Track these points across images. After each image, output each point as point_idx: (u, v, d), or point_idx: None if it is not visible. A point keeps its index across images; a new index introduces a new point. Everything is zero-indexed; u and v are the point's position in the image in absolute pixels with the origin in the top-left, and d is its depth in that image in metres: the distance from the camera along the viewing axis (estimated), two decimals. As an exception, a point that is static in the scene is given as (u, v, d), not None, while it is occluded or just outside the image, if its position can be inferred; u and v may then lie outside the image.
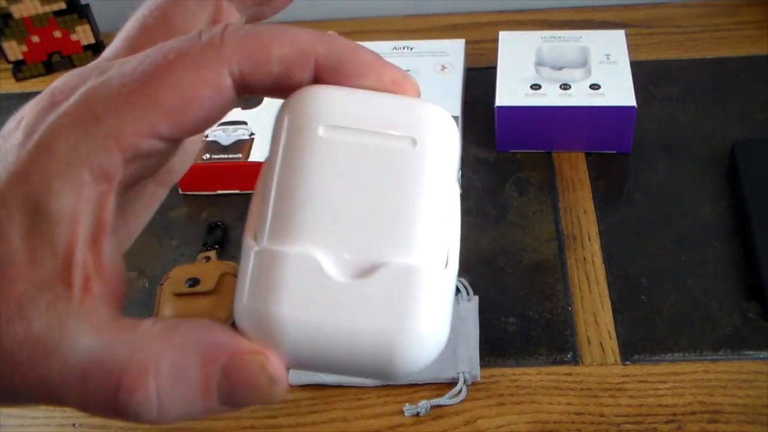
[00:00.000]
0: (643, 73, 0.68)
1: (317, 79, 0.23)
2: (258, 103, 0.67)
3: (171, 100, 0.22)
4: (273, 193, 0.22)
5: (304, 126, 0.22)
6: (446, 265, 0.22)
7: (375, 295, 0.21)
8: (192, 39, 0.22)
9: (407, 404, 0.49)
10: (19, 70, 0.79)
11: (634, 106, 0.60)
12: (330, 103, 0.22)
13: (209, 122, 0.23)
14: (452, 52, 0.71)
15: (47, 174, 0.21)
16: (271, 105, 0.70)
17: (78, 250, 0.22)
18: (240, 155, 0.63)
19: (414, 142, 0.22)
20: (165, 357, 0.21)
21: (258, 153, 0.63)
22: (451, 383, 0.49)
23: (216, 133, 0.65)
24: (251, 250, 0.21)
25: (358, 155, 0.21)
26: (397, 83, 0.24)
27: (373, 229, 0.21)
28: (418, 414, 0.48)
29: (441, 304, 0.21)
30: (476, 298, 0.54)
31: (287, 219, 0.21)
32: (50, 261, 0.21)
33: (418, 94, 0.25)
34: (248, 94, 0.23)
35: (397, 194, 0.21)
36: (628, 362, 0.50)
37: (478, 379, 0.49)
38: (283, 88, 0.23)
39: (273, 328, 0.21)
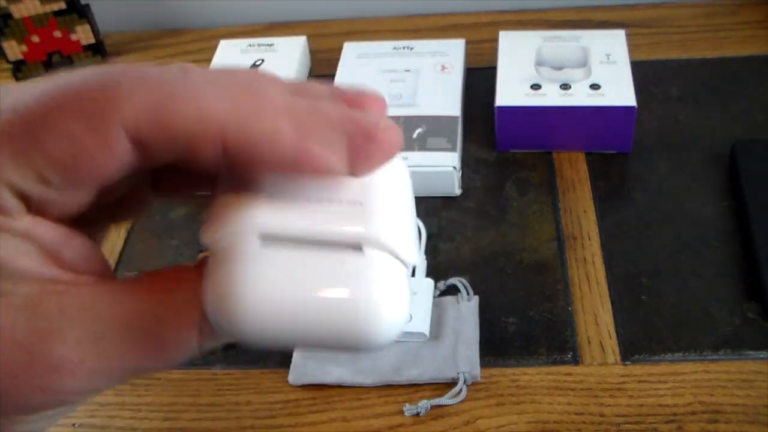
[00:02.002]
0: (643, 73, 0.68)
1: (229, 161, 0.21)
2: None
3: (58, 151, 0.20)
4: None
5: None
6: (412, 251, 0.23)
7: (334, 262, 0.21)
8: (90, 80, 0.20)
9: (407, 404, 0.49)
10: (19, 70, 0.79)
11: (634, 106, 0.60)
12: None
13: (109, 178, 0.21)
14: (452, 52, 0.71)
15: None
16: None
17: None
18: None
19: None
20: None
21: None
22: (451, 383, 0.49)
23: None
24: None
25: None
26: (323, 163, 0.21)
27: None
28: (418, 414, 0.48)
29: (401, 287, 0.22)
30: (476, 298, 0.54)
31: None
32: None
33: (383, 107, 0.24)
34: (152, 161, 0.21)
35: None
36: (628, 362, 0.50)
37: (478, 379, 0.49)
38: (190, 167, 0.21)
39: (234, 303, 0.21)
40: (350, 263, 0.21)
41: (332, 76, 0.70)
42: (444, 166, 0.60)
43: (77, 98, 0.20)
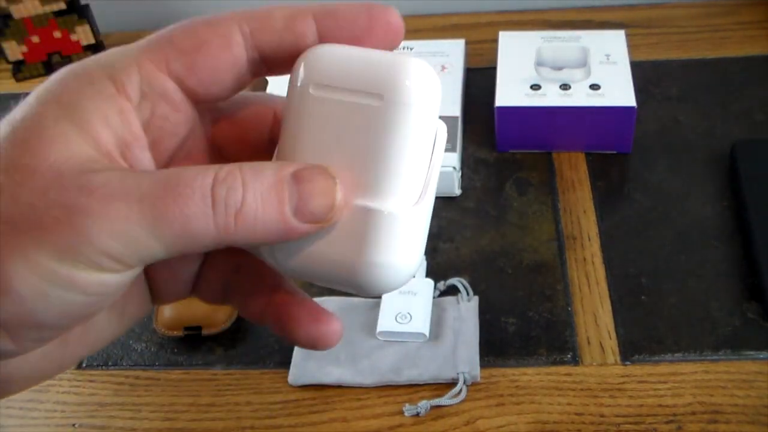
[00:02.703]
0: (643, 73, 0.69)
1: (320, 36, 0.26)
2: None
3: (185, 41, 0.25)
4: (278, 143, 0.26)
5: (300, 86, 0.25)
6: (417, 202, 0.25)
7: (343, 231, 0.25)
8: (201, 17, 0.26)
9: (407, 404, 0.49)
10: (18, 70, 0.79)
11: (634, 106, 0.60)
12: (322, 64, 0.25)
13: (222, 76, 0.26)
14: (452, 52, 0.71)
15: (82, 84, 0.24)
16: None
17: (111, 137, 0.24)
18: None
19: (381, 98, 0.24)
20: (246, 164, 0.24)
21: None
22: (451, 383, 0.49)
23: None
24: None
25: (339, 111, 0.25)
26: (390, 26, 0.26)
27: (348, 175, 0.25)
28: (418, 414, 0.48)
29: (403, 237, 0.25)
30: (476, 298, 0.54)
31: (294, 156, 0.25)
32: (83, 140, 0.24)
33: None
34: (259, 62, 0.26)
35: (369, 145, 0.25)
36: (628, 362, 0.50)
37: (478, 379, 0.49)
38: (290, 48, 0.26)
39: (271, 261, 0.26)
40: (349, 225, 0.25)
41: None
42: (444, 166, 0.60)
43: (199, 18, 0.25)
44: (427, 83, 0.25)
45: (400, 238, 0.25)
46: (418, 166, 0.25)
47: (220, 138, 0.28)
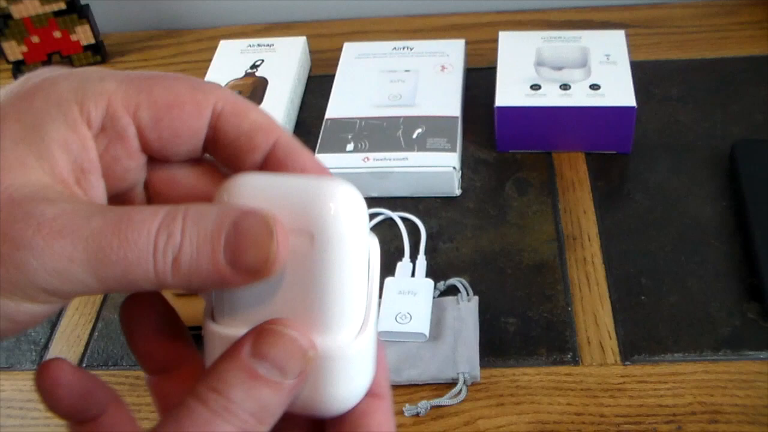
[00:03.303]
0: (643, 73, 0.69)
1: (266, 160, 0.27)
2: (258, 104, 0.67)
3: (161, 94, 0.25)
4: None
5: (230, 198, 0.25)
6: (361, 330, 0.26)
7: None
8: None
9: (407, 404, 0.49)
10: (19, 70, 0.79)
11: (634, 107, 0.60)
12: (246, 197, 0.25)
13: (181, 141, 0.26)
14: (452, 52, 0.71)
15: (47, 103, 0.24)
16: (269, 106, 0.70)
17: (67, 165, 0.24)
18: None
19: (312, 237, 0.24)
20: (192, 207, 0.24)
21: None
22: (451, 383, 0.49)
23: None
24: (206, 328, 0.27)
25: None
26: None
27: (291, 315, 0.25)
28: (417, 414, 0.48)
29: (351, 368, 0.26)
30: (476, 298, 0.54)
31: (223, 305, 0.26)
32: (39, 166, 0.24)
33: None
34: (212, 142, 0.26)
35: (305, 283, 0.25)
36: (628, 362, 0.50)
37: (478, 379, 0.49)
38: (239, 148, 0.27)
39: None
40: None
41: (332, 76, 0.70)
42: (444, 166, 0.60)
43: (180, 76, 0.26)
44: (354, 210, 0.25)
45: (349, 369, 0.26)
46: (358, 294, 0.25)
47: (158, 184, 0.28)
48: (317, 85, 0.73)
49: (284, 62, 0.72)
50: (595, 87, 0.62)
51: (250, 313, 0.25)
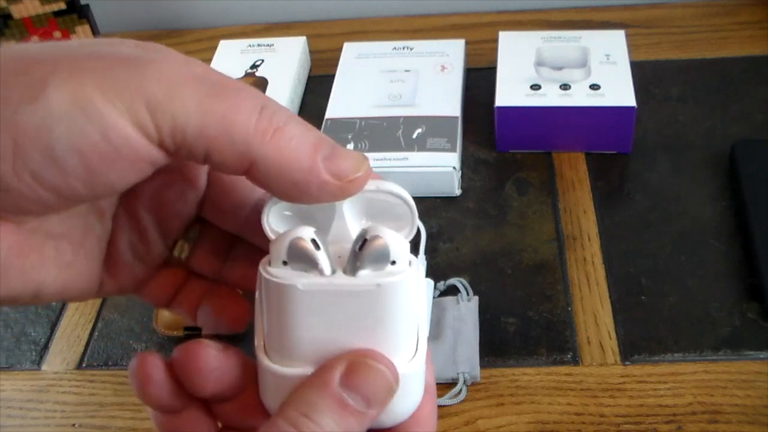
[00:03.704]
0: (643, 73, 0.69)
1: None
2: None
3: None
4: (270, 327, 0.27)
5: (286, 283, 0.26)
6: (415, 354, 0.27)
7: None
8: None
9: (407, 404, 0.48)
10: (19, 70, 0.79)
11: (633, 107, 0.60)
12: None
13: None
14: (452, 52, 0.71)
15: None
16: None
17: None
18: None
19: (378, 285, 0.26)
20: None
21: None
22: (451, 383, 0.49)
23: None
24: (262, 363, 0.27)
25: (334, 300, 0.26)
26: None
27: (341, 345, 0.26)
28: (418, 414, 0.48)
29: (409, 386, 0.27)
30: (476, 298, 0.54)
31: (285, 348, 0.27)
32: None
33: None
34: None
35: (369, 322, 0.26)
36: (628, 362, 0.50)
37: (478, 379, 0.49)
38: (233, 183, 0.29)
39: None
40: None
41: (332, 76, 0.70)
42: (444, 166, 0.60)
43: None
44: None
45: (405, 389, 0.27)
46: (413, 326, 0.27)
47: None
48: (317, 85, 0.73)
49: (284, 62, 0.72)
50: (595, 87, 0.62)
51: (311, 353, 0.26)
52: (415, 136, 0.62)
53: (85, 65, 0.23)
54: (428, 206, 0.61)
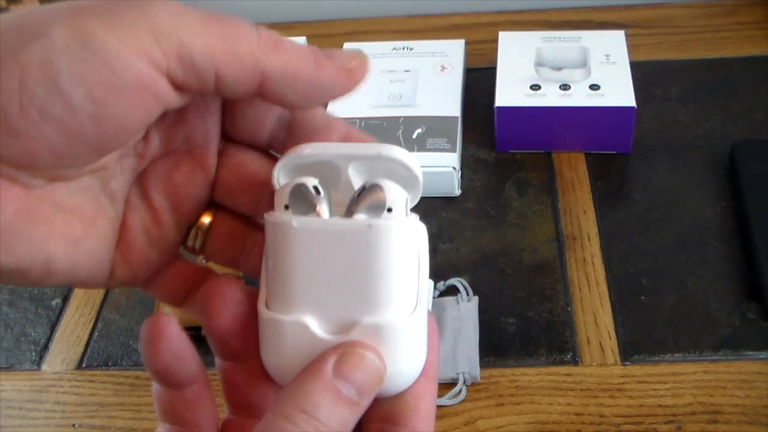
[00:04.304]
0: (643, 73, 0.69)
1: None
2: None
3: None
4: (269, 274, 0.27)
5: (282, 221, 0.26)
6: (414, 309, 0.27)
7: None
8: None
9: (407, 404, 0.48)
10: (19, 70, 0.79)
11: (633, 107, 0.60)
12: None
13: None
14: (452, 52, 0.71)
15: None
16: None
17: None
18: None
19: (369, 225, 0.26)
20: None
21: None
22: (451, 384, 0.49)
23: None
24: (261, 316, 0.27)
25: (328, 240, 0.26)
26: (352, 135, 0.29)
27: (346, 297, 0.26)
28: (417, 414, 0.48)
29: (407, 343, 0.27)
30: (476, 298, 0.54)
31: (277, 292, 0.27)
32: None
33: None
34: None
35: (361, 266, 0.26)
36: (627, 363, 0.50)
37: (478, 379, 0.49)
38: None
39: (281, 377, 0.27)
40: (364, 335, 0.26)
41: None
42: (444, 166, 0.60)
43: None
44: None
45: (406, 345, 0.27)
46: (409, 276, 0.27)
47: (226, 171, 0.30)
48: (317, 85, 0.73)
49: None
50: (594, 87, 0.62)
51: (307, 298, 0.26)
52: (414, 136, 0.62)
53: (87, 8, 0.23)
54: (428, 206, 0.61)
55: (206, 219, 0.31)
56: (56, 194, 0.26)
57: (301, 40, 0.75)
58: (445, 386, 0.49)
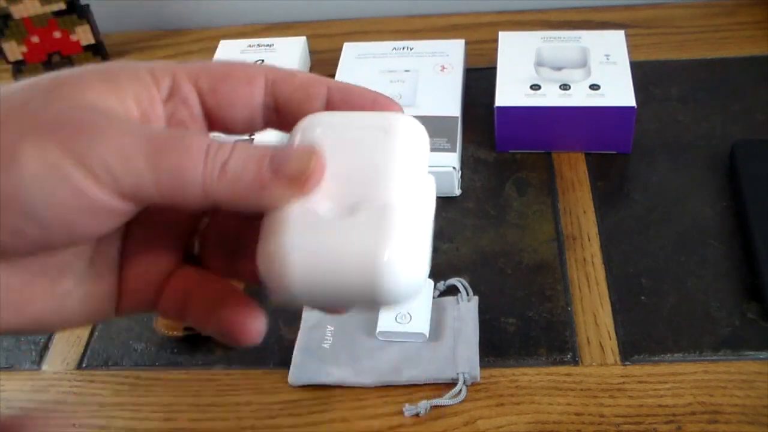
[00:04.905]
0: (643, 73, 0.69)
1: (328, 105, 0.30)
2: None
3: (216, 68, 0.29)
4: None
5: (306, 128, 0.28)
6: (420, 202, 0.27)
7: (359, 227, 0.26)
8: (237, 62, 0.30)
9: (407, 405, 0.49)
10: (18, 70, 0.79)
11: (633, 107, 0.60)
12: (326, 116, 0.29)
13: (239, 106, 0.29)
14: (452, 52, 0.71)
15: (124, 69, 0.28)
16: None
17: None
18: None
19: (386, 131, 0.28)
20: (240, 141, 0.27)
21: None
22: (451, 384, 0.49)
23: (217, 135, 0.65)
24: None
25: (344, 139, 0.28)
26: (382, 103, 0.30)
27: (357, 183, 0.27)
28: (417, 414, 0.48)
29: (414, 231, 0.26)
30: (476, 298, 0.54)
31: None
32: (116, 103, 0.28)
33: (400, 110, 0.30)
34: (273, 110, 0.30)
35: (374, 160, 0.27)
36: (627, 363, 0.50)
37: (478, 379, 0.49)
38: (299, 104, 0.29)
39: (281, 265, 0.26)
40: (368, 225, 0.26)
41: (332, 76, 0.70)
42: (444, 166, 0.60)
43: (232, 64, 0.30)
44: (422, 130, 0.29)
45: (411, 229, 0.26)
46: (417, 180, 0.27)
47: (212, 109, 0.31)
48: (317, 85, 0.73)
49: (284, 62, 0.72)
50: (594, 87, 0.62)
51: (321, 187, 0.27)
52: (415, 136, 0.62)
53: (48, 132, 0.25)
54: (428, 206, 0.61)
55: (200, 227, 0.32)
56: (36, 262, 0.27)
57: (301, 40, 0.75)
58: (445, 386, 0.49)
